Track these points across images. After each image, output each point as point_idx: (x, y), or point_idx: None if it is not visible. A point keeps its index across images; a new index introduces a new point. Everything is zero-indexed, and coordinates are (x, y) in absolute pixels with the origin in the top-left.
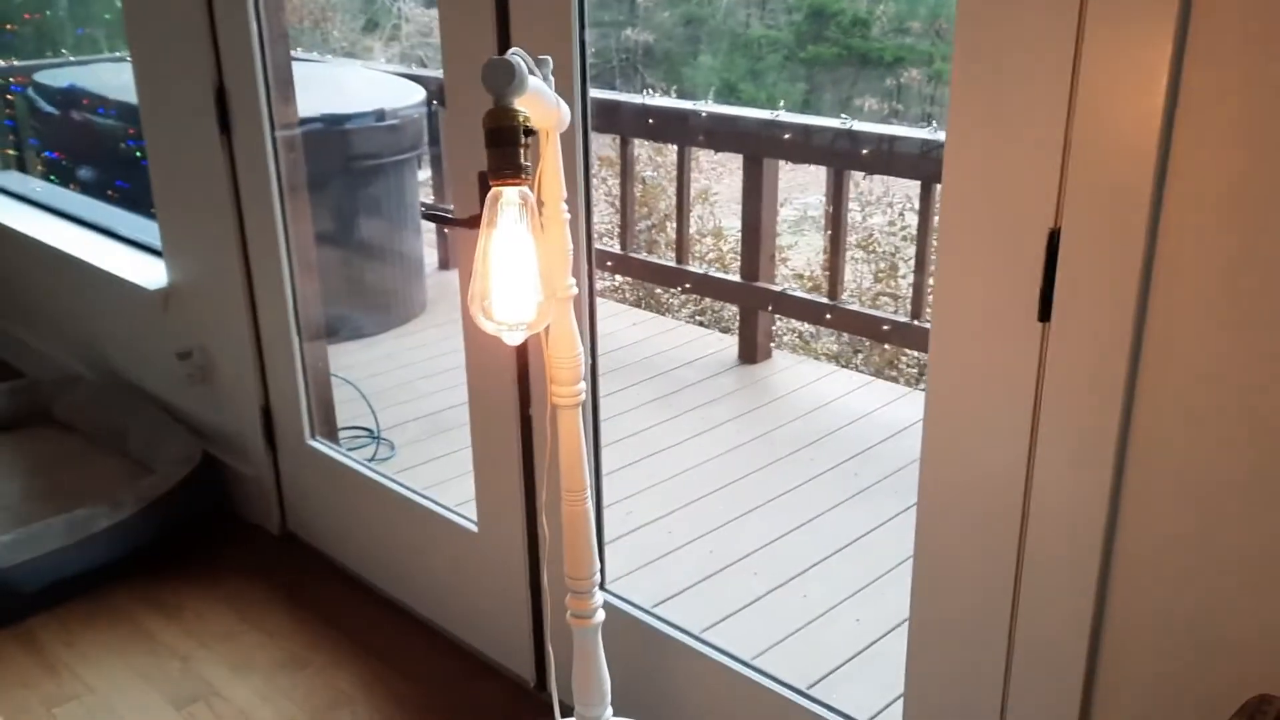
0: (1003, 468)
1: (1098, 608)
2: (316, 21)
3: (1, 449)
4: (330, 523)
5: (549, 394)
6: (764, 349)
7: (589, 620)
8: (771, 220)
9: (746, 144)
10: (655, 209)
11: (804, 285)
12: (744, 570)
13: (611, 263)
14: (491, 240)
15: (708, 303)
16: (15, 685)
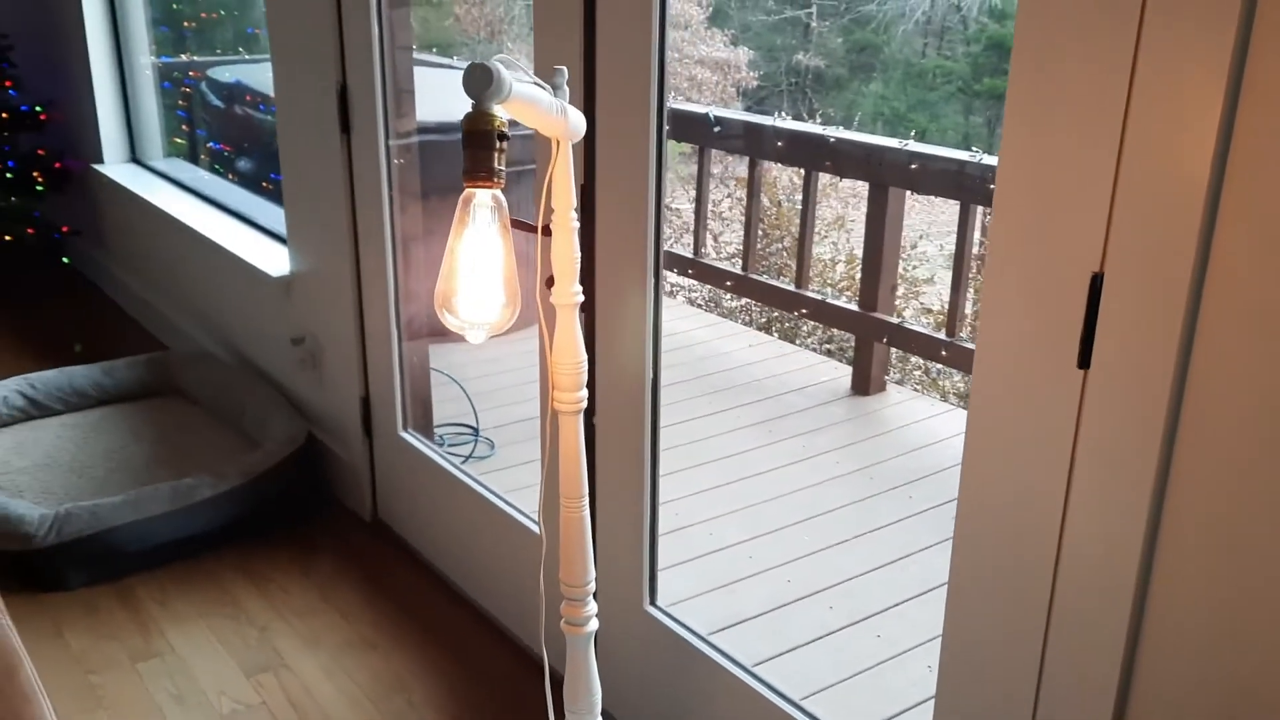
0: (1037, 514)
1: (1127, 662)
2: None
3: (134, 415)
4: (414, 513)
5: (550, 399)
6: (878, 381)
7: (582, 629)
8: (894, 250)
9: (872, 171)
10: (790, 233)
11: (933, 321)
12: (820, 603)
13: (731, 282)
14: (461, 240)
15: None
16: (108, 638)
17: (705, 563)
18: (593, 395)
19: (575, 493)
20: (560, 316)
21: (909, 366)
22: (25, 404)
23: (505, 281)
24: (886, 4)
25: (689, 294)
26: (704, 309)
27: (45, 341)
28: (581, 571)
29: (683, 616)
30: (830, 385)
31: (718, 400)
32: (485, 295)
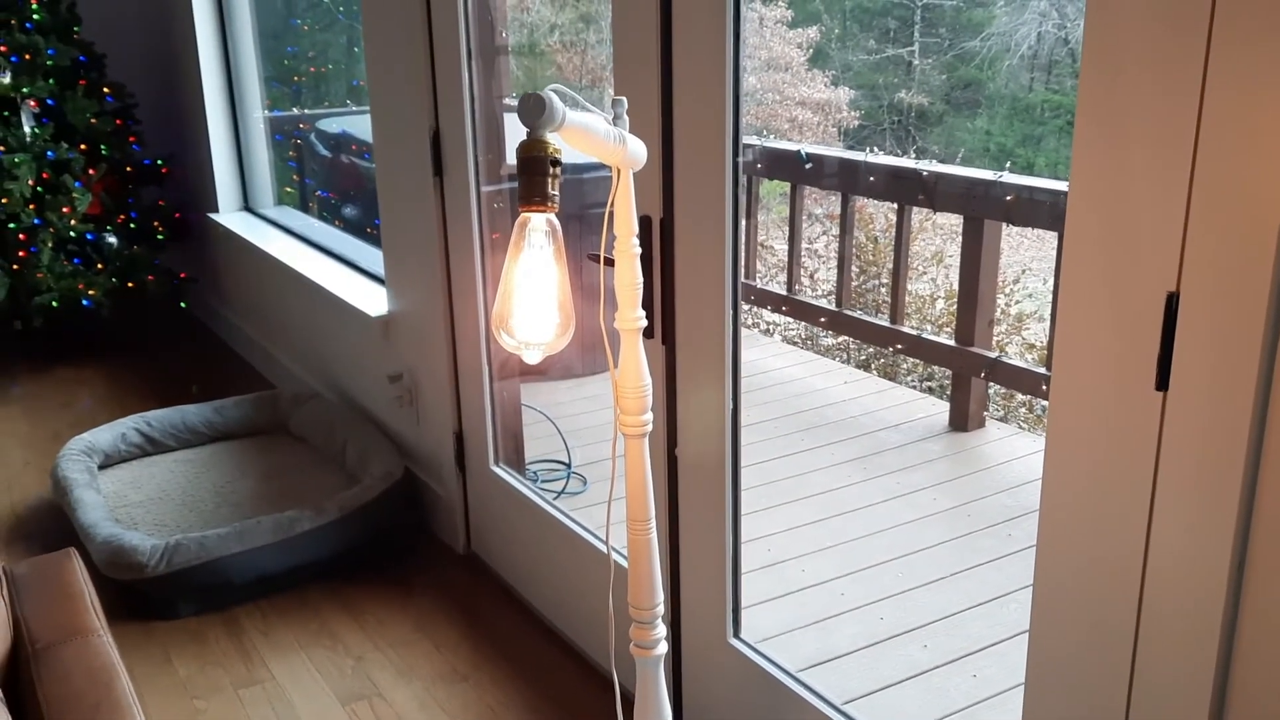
0: (1119, 540)
1: (1218, 691)
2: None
3: (242, 452)
4: (506, 546)
5: (617, 422)
6: (976, 417)
7: (650, 651)
8: (991, 284)
9: (966, 204)
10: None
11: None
12: (914, 641)
13: (825, 318)
14: (517, 263)
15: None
16: (213, 665)
17: (797, 599)
18: (674, 428)
19: (642, 515)
20: (625, 341)
21: (1013, 404)
22: (142, 441)
23: (560, 304)
24: (991, 39)
25: (785, 332)
26: (800, 347)
27: (163, 382)
28: (649, 594)
29: (772, 652)
30: (927, 422)
31: (811, 437)
32: (540, 316)
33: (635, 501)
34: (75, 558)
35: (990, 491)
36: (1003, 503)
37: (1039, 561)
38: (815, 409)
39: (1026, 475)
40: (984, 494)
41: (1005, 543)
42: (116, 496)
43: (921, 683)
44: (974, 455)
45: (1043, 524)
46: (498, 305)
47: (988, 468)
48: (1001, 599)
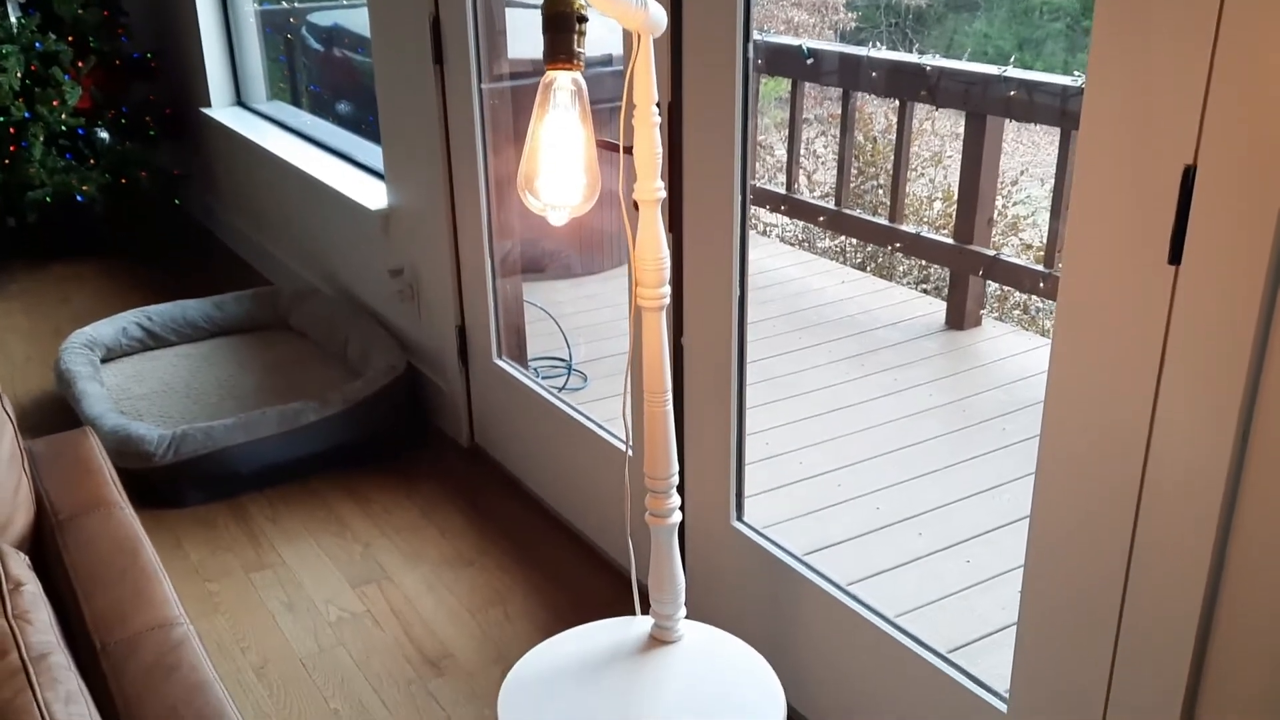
0: (1126, 413)
1: (1215, 563)
2: None
3: (243, 347)
4: (509, 438)
5: (633, 295)
6: (973, 316)
7: (665, 520)
8: (991, 182)
9: (969, 100)
10: (885, 170)
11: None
12: (909, 530)
13: (824, 218)
14: (543, 123)
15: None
16: (223, 550)
17: (794, 490)
18: (680, 316)
19: (658, 388)
20: (643, 212)
21: (1007, 306)
22: (143, 335)
23: (586, 165)
24: None
25: (782, 233)
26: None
27: (160, 279)
28: (665, 465)
29: (773, 537)
30: (924, 320)
31: (809, 335)
32: (566, 178)
33: (652, 374)
34: (92, 435)
35: (985, 388)
36: (997, 398)
37: (1044, 436)
38: (813, 308)
39: (1021, 372)
40: (979, 390)
41: (999, 436)
42: (120, 389)
43: (916, 568)
44: (970, 353)
45: (1049, 399)
46: (523, 166)
47: (983, 365)
48: (995, 490)
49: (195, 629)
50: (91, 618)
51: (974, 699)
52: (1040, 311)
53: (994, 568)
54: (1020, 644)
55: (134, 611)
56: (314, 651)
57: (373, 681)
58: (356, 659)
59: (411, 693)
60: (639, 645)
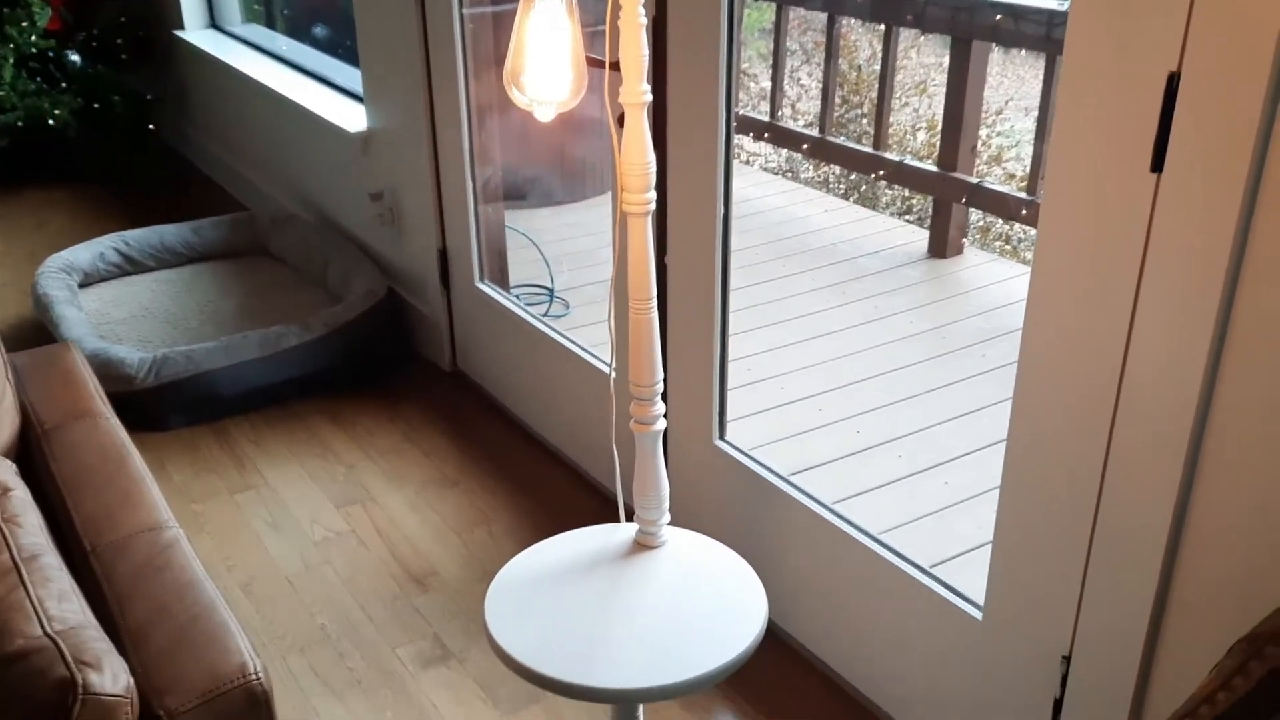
0: (1104, 327)
1: (1186, 477)
2: None
3: (222, 273)
4: (492, 362)
5: (619, 201)
6: (955, 244)
7: (649, 427)
8: (976, 109)
9: (955, 25)
10: (869, 99)
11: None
12: (888, 452)
13: (808, 145)
14: (529, 17)
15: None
16: (208, 472)
17: (776, 415)
18: (664, 234)
19: (644, 295)
20: (629, 116)
21: (989, 237)
22: (120, 260)
23: (573, 60)
24: None
25: (765, 162)
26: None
27: (135, 205)
28: (650, 372)
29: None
30: (907, 249)
31: (791, 264)
32: (552, 72)
33: (637, 281)
34: (75, 349)
35: (966, 315)
36: (978, 325)
37: (1023, 352)
38: (795, 236)
39: (1002, 300)
40: (960, 317)
41: (979, 362)
42: (98, 314)
43: (895, 489)
44: (952, 281)
45: (1030, 311)
46: (509, 61)
47: (965, 292)
48: (974, 414)
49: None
50: (81, 522)
51: (951, 608)
52: (1022, 242)
53: (971, 489)
54: (996, 557)
55: (123, 515)
56: (300, 570)
57: (359, 598)
58: (342, 577)
59: (398, 609)
60: (624, 550)
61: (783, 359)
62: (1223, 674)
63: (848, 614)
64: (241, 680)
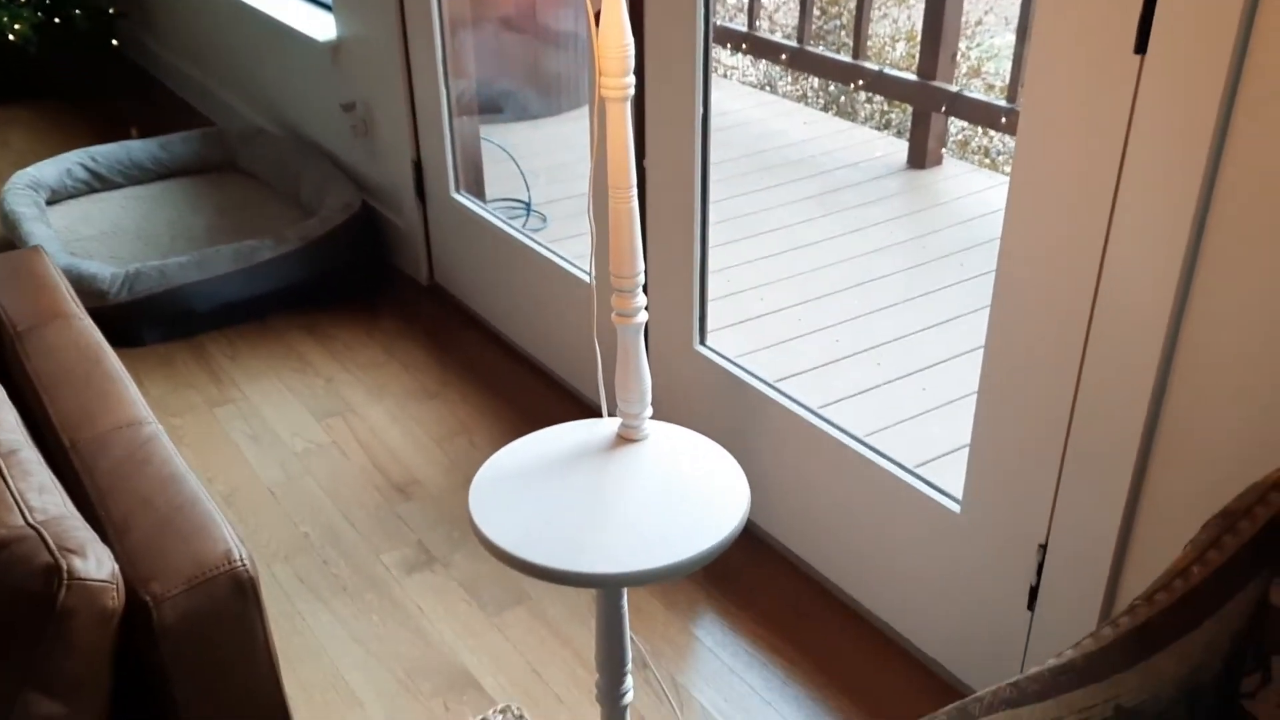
0: (1084, 220)
1: (1164, 361)
2: None
3: (192, 189)
4: (469, 275)
5: (597, 86)
6: (934, 155)
7: (631, 319)
8: (956, 15)
9: None
10: (848, 9)
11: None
12: (867, 360)
13: (786, 55)
14: None
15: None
16: (185, 386)
17: (756, 325)
18: (643, 137)
19: (623, 182)
20: (606, 2)
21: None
22: (88, 176)
23: None
24: None
25: (743, 75)
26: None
27: (101, 121)
28: (631, 263)
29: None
30: (886, 160)
31: (770, 176)
32: None
33: (616, 168)
34: (44, 253)
35: (945, 225)
36: (957, 235)
37: (1003, 243)
38: (774, 149)
39: (981, 209)
40: (939, 228)
41: (958, 271)
42: (68, 231)
43: (874, 396)
44: (931, 191)
45: (1010, 204)
46: None
47: (944, 203)
48: (951, 322)
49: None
50: (59, 419)
51: (929, 503)
52: (1001, 155)
53: (948, 395)
54: (974, 452)
55: (101, 412)
56: (281, 480)
57: (342, 507)
58: (324, 487)
59: (381, 517)
60: (607, 444)
61: (762, 270)
62: (1197, 548)
63: (827, 513)
64: (227, 566)
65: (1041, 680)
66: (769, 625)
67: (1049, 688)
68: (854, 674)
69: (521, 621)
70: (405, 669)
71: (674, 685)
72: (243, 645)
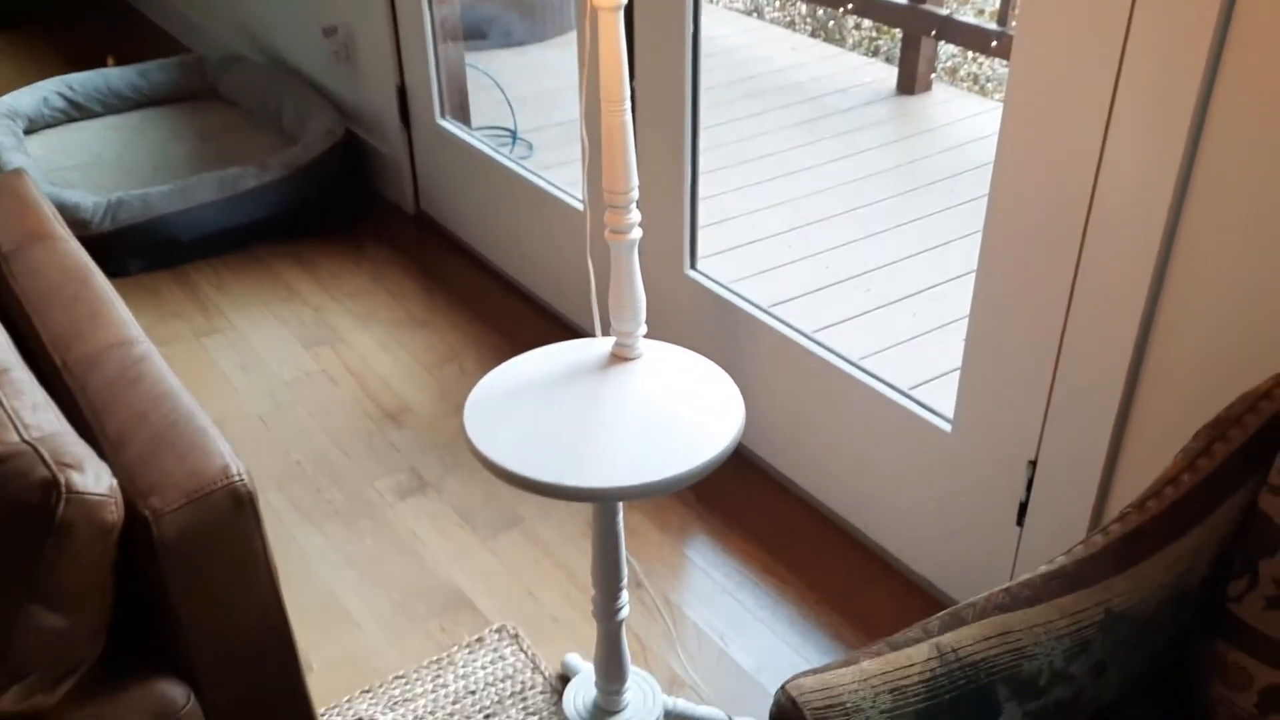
0: (1079, 130)
1: (1157, 277)
2: None
3: (173, 117)
4: (456, 203)
5: None
6: (924, 80)
7: (625, 236)
8: None
9: None
10: None
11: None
12: (857, 286)
13: None
14: None
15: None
16: (171, 316)
17: (745, 252)
18: (633, 58)
19: (616, 96)
20: None
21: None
22: (66, 105)
23: None
24: None
25: (729, 2)
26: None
27: (76, 50)
28: (624, 178)
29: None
30: (875, 86)
31: (757, 103)
32: None
33: (610, 80)
34: (28, 175)
35: (935, 151)
36: (947, 160)
37: (998, 162)
38: (761, 75)
39: (971, 135)
40: (929, 153)
41: (947, 197)
42: (46, 160)
43: (864, 321)
44: (920, 117)
45: (1005, 121)
46: None
47: (933, 129)
48: (941, 247)
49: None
50: (49, 338)
51: (920, 422)
52: (991, 80)
53: (938, 319)
54: (965, 372)
55: (92, 331)
56: (271, 408)
57: (333, 435)
58: (315, 414)
59: (373, 444)
60: (600, 363)
61: (751, 197)
62: (1188, 456)
63: (818, 435)
64: (225, 481)
65: (1033, 586)
66: (760, 546)
67: (1040, 593)
68: (844, 592)
69: (515, 544)
70: (401, 592)
71: (668, 604)
72: (243, 560)
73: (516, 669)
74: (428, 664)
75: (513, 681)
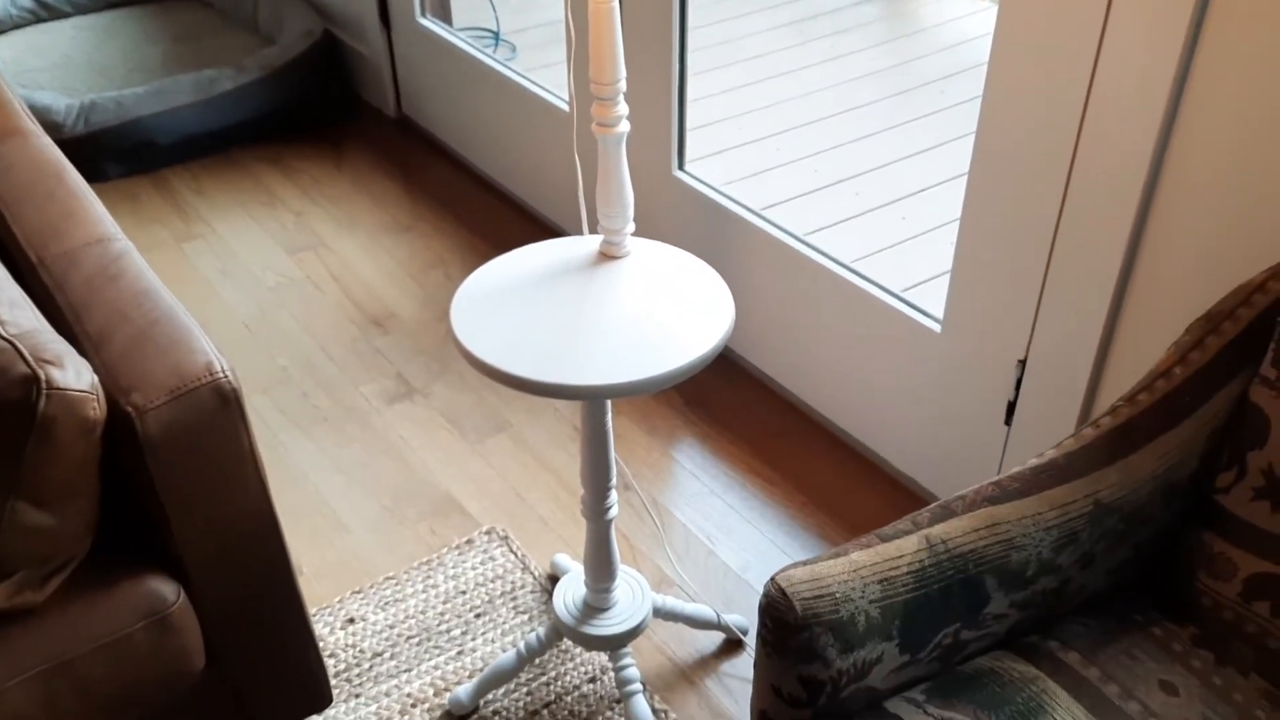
0: (1075, 28)
1: (1151, 175)
2: None
3: (146, 18)
4: (439, 105)
5: None
6: None
7: (612, 129)
8: None
9: None
10: None
11: None
12: (846, 190)
13: None
14: None
15: None
16: (151, 221)
17: (733, 156)
18: None
19: None
20: None
21: None
22: (33, 4)
23: None
24: None
25: None
26: None
27: None
28: (612, 68)
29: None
30: None
31: (744, 3)
32: None
33: None
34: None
35: (926, 52)
36: (938, 62)
37: (991, 61)
38: None
39: (963, 36)
40: (920, 55)
41: (938, 100)
42: (16, 63)
43: (853, 225)
44: (912, 18)
45: (1000, 17)
46: None
47: (925, 29)
48: (932, 150)
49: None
50: (24, 235)
51: (910, 322)
52: None
53: (928, 223)
54: (955, 273)
55: (68, 228)
56: (255, 315)
57: (318, 340)
58: (299, 320)
59: (358, 349)
60: (588, 260)
61: (739, 100)
62: (1180, 349)
63: (806, 338)
64: (209, 378)
65: (1023, 478)
66: (748, 449)
67: (1030, 485)
68: (832, 493)
69: (503, 448)
70: (390, 495)
71: (656, 505)
72: (230, 457)
73: (506, 569)
74: (418, 565)
75: (503, 581)
